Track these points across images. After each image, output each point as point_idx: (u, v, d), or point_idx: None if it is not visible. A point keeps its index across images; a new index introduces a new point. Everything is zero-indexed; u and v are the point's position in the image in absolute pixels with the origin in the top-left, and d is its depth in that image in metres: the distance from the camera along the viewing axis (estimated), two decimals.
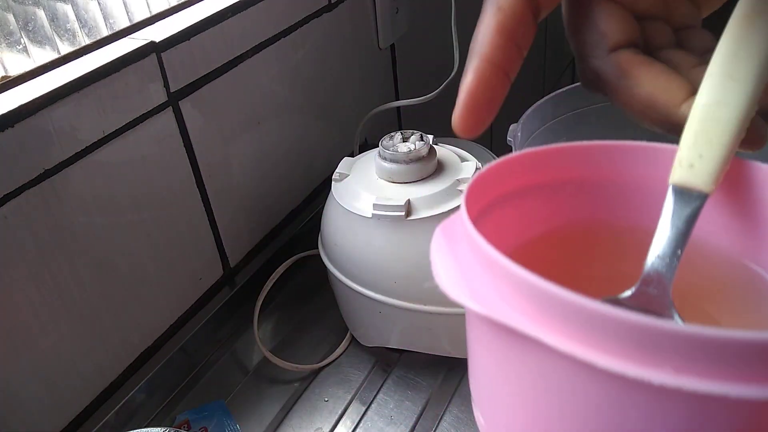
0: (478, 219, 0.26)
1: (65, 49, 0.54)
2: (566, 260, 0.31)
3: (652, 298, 0.24)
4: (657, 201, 0.26)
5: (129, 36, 0.53)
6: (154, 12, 0.58)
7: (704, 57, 0.25)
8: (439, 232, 0.25)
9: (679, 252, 0.24)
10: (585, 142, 0.28)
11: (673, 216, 0.24)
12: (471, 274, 0.23)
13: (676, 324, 0.17)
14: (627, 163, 0.29)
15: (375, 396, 0.56)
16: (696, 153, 0.23)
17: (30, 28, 0.53)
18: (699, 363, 0.17)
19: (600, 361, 0.18)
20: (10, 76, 0.47)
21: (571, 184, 0.29)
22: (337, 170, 0.57)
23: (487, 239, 0.22)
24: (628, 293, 0.24)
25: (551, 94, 0.52)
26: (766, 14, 0.23)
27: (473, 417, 0.30)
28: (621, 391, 0.19)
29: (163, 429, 0.45)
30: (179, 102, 0.55)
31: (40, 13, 0.53)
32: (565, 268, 0.29)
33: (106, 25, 0.58)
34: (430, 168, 0.54)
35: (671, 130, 0.25)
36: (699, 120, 0.23)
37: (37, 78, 0.47)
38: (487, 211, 0.28)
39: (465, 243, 0.24)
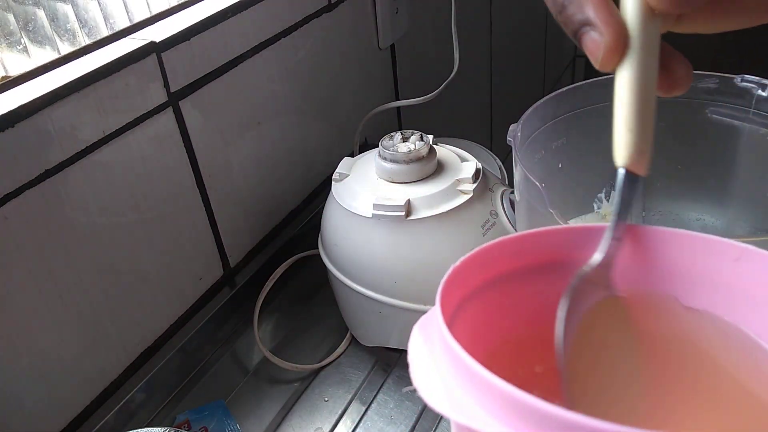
0: (457, 312, 0.27)
1: (65, 49, 0.55)
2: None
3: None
4: (637, 274, 0.28)
5: (129, 36, 0.53)
6: (154, 12, 0.58)
7: None
8: (416, 331, 0.25)
9: (629, 218, 0.27)
10: (558, 227, 0.29)
11: (622, 193, 0.27)
12: (449, 379, 0.23)
13: None
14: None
15: (375, 396, 0.56)
16: (634, 141, 0.26)
17: (30, 28, 0.53)
18: None
19: None
20: (10, 76, 0.47)
21: (550, 267, 0.30)
22: (337, 170, 0.57)
23: (467, 334, 0.22)
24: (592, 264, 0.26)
25: (551, 94, 0.52)
26: None
27: None
28: None
29: (163, 429, 0.45)
30: (179, 102, 0.55)
31: (40, 13, 0.53)
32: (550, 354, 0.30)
33: (106, 25, 0.58)
34: (430, 168, 0.54)
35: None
36: (629, 103, 0.26)
37: (37, 78, 0.47)
38: (467, 302, 0.28)
39: (441, 346, 0.24)
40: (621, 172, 0.26)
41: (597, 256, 0.27)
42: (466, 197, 0.53)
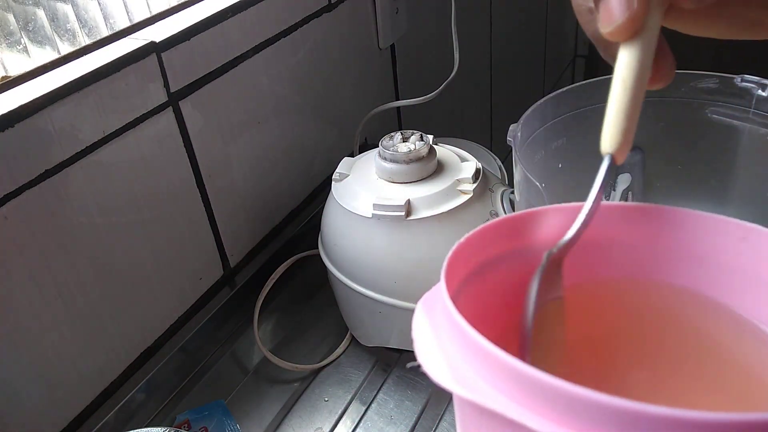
0: (461, 289, 0.27)
1: (65, 49, 0.55)
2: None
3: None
4: (636, 256, 0.28)
5: (129, 36, 0.53)
6: (154, 12, 0.58)
7: None
8: (420, 307, 0.25)
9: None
10: (563, 205, 0.29)
11: (603, 177, 0.27)
12: (453, 353, 0.23)
13: (659, 408, 0.18)
14: (607, 222, 0.30)
15: (375, 396, 0.56)
16: (615, 132, 0.27)
17: (30, 28, 0.53)
18: None
19: None
20: (10, 76, 0.47)
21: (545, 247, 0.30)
22: (337, 170, 0.57)
23: (471, 310, 0.22)
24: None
25: (551, 94, 0.52)
26: None
27: None
28: None
29: (163, 429, 0.45)
30: (179, 102, 0.55)
31: (40, 13, 0.53)
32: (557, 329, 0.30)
33: (106, 25, 0.58)
34: (430, 168, 0.54)
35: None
36: (619, 95, 0.27)
37: (37, 78, 0.47)
38: (470, 279, 0.28)
39: (446, 321, 0.24)
40: (608, 158, 0.27)
41: (567, 236, 0.27)
42: (466, 197, 0.53)
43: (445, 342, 0.23)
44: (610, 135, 0.26)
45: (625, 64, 0.26)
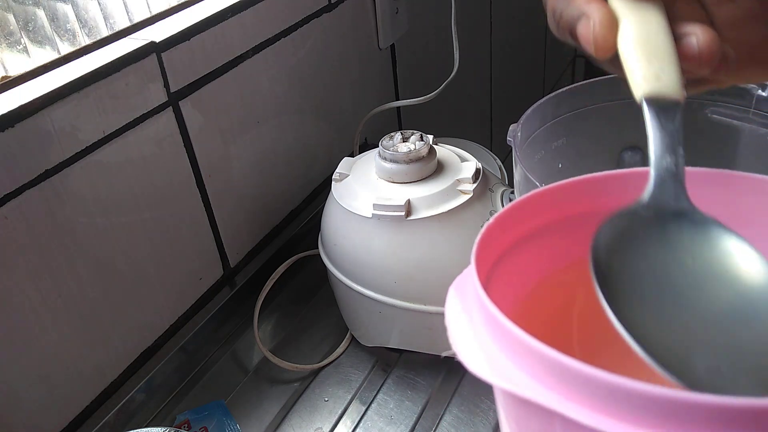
0: (494, 268, 0.26)
1: (65, 49, 0.55)
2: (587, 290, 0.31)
3: (670, 199, 0.24)
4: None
5: (129, 36, 0.53)
6: (154, 12, 0.58)
7: None
8: (452, 293, 0.25)
9: (681, 150, 0.25)
10: (596, 174, 0.28)
11: (659, 124, 0.25)
12: (488, 343, 0.22)
13: (699, 395, 0.17)
14: (626, 192, 0.29)
15: (375, 396, 0.56)
16: (656, 69, 0.25)
17: (30, 28, 0.53)
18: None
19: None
20: (10, 76, 0.47)
21: (581, 218, 0.29)
22: (337, 170, 0.57)
23: (505, 286, 0.22)
24: (645, 199, 0.25)
25: (551, 94, 0.52)
26: None
27: (473, 417, 0.29)
28: None
29: (163, 429, 0.45)
30: (179, 102, 0.55)
31: (40, 13, 0.53)
32: (585, 301, 0.29)
33: (106, 25, 0.58)
34: (430, 168, 0.54)
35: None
36: (642, 43, 0.25)
37: (37, 78, 0.47)
38: (501, 260, 0.27)
39: (478, 309, 0.23)
40: (643, 105, 0.25)
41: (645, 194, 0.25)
42: (466, 197, 0.53)
43: (479, 330, 0.23)
44: (668, 75, 0.25)
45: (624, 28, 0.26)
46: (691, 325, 0.23)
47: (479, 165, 0.55)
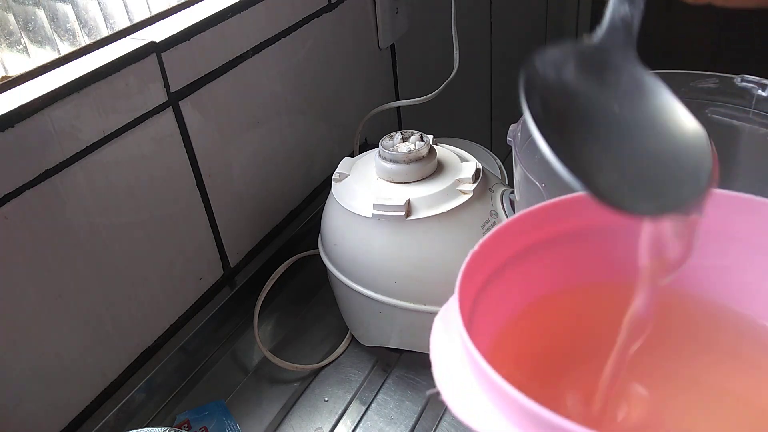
0: (478, 298, 0.26)
1: (65, 49, 0.55)
2: (573, 315, 0.31)
3: (618, 47, 0.25)
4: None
5: (129, 36, 0.53)
6: (154, 12, 0.58)
7: None
8: (438, 325, 0.24)
9: (641, 4, 0.25)
10: (570, 195, 0.28)
11: None
12: (472, 385, 0.22)
13: None
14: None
15: (375, 396, 0.56)
16: None
17: (30, 28, 0.53)
18: None
19: None
20: (10, 76, 0.47)
21: (575, 234, 0.29)
22: (337, 170, 0.57)
23: (494, 310, 0.22)
24: (593, 41, 0.25)
25: None
26: None
27: None
28: None
29: (163, 429, 0.45)
30: (179, 102, 0.55)
31: (40, 13, 0.53)
32: (571, 324, 0.29)
33: (106, 25, 0.58)
34: (430, 168, 0.54)
35: None
36: None
37: (37, 78, 0.47)
38: (492, 280, 0.27)
39: (462, 349, 0.23)
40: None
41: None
42: (466, 197, 0.53)
43: (464, 371, 0.23)
44: None
45: None
46: (605, 151, 0.25)
47: (479, 165, 0.55)
